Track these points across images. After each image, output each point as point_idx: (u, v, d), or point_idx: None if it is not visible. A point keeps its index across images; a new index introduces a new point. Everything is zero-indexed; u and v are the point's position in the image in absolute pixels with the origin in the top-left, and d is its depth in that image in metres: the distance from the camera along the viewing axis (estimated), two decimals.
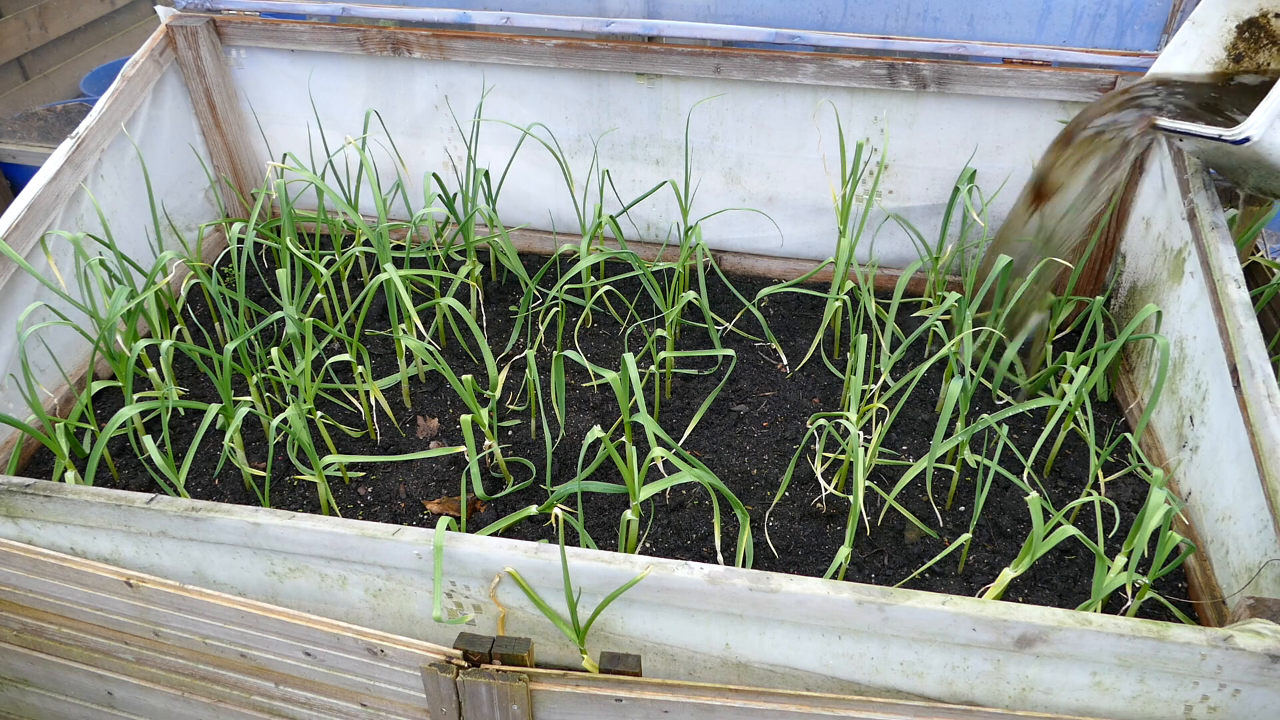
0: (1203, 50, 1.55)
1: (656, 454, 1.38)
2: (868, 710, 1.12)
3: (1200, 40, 1.54)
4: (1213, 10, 1.53)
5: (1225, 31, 1.54)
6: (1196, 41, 1.54)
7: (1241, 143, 1.31)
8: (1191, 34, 1.54)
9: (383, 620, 1.32)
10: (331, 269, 1.81)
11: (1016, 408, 1.52)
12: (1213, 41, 1.54)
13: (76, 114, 3.22)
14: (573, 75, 2.01)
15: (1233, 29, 1.52)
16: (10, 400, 1.68)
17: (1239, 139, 1.31)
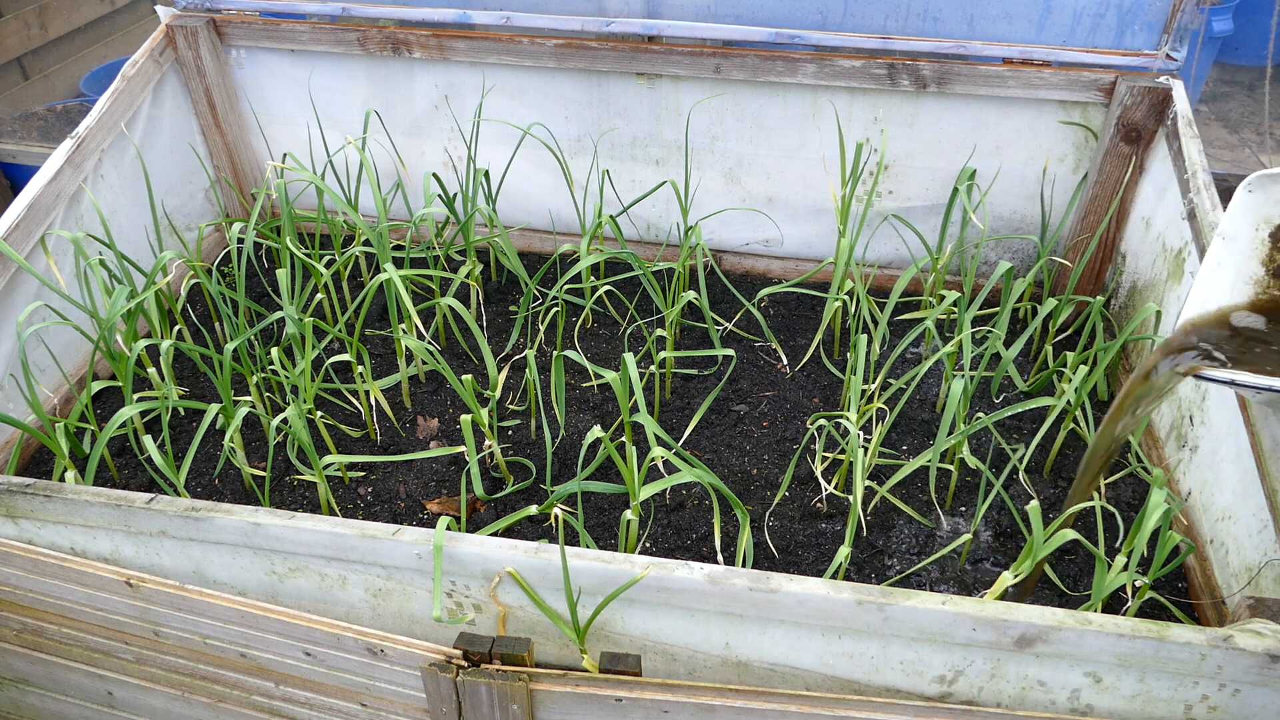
0: (1239, 270, 1.27)
1: (656, 454, 1.38)
2: (868, 710, 1.12)
3: (1235, 258, 1.27)
4: (1241, 221, 1.26)
5: (1259, 243, 1.26)
6: (1230, 261, 1.26)
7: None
8: (1224, 252, 1.26)
9: (383, 620, 1.32)
10: (331, 269, 1.81)
11: (1017, 407, 1.52)
12: (1247, 256, 1.26)
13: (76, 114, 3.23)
14: (573, 75, 2.01)
15: (1265, 239, 1.26)
16: (10, 400, 1.68)
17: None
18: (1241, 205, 1.23)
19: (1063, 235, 1.99)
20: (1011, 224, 2.04)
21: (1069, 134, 1.91)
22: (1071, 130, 1.91)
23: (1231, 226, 1.25)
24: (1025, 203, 2.00)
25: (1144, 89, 1.77)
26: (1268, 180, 1.22)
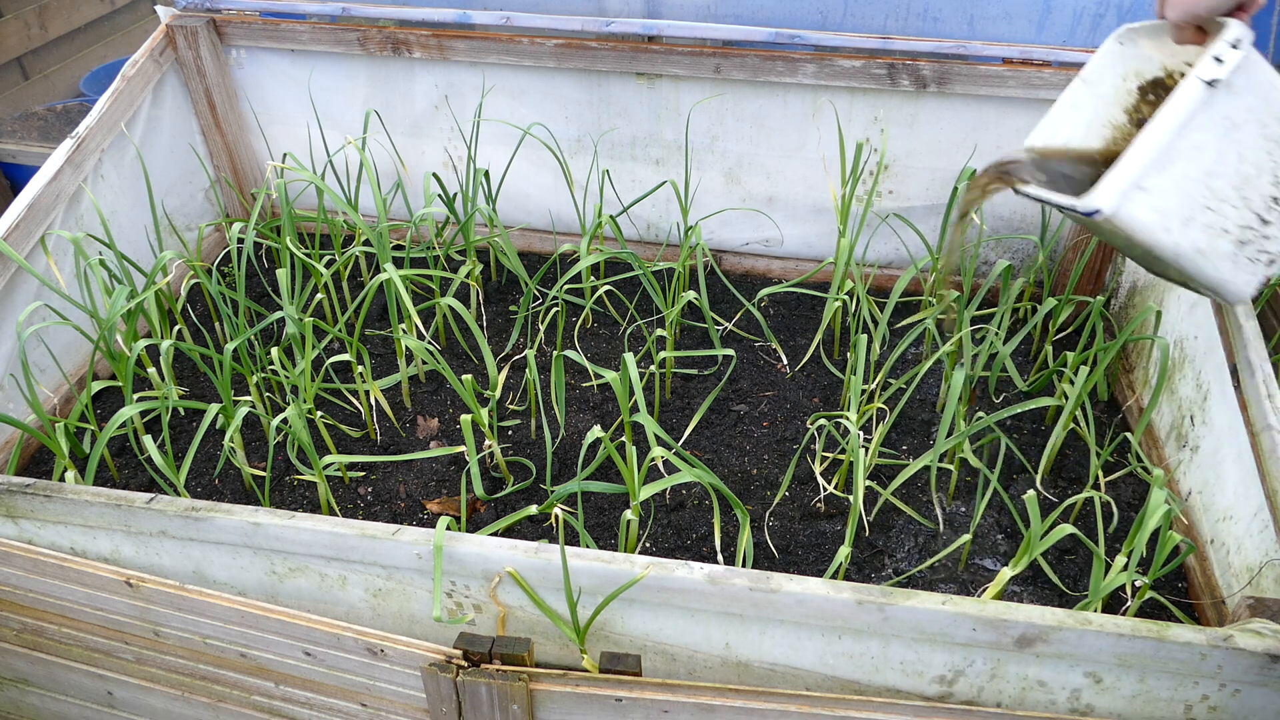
0: (1098, 114, 1.29)
1: (656, 454, 1.38)
2: (868, 710, 1.12)
3: (1094, 101, 1.28)
4: (1108, 69, 1.27)
5: (1125, 93, 1.28)
6: (1089, 104, 1.28)
7: (1091, 214, 1.07)
8: (1084, 93, 1.28)
9: (383, 620, 1.32)
10: (331, 269, 1.81)
11: (1016, 407, 1.52)
12: (1109, 103, 1.28)
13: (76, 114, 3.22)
14: (573, 75, 2.01)
15: (1134, 90, 1.27)
16: (10, 400, 1.68)
17: (1089, 211, 1.07)
18: (1110, 54, 1.25)
19: (1063, 235, 1.99)
20: (1011, 224, 2.04)
21: None
22: None
23: (1096, 72, 1.26)
24: (1025, 203, 2.00)
25: None
26: (1138, 34, 1.23)
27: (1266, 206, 1.09)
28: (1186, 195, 1.06)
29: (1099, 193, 1.05)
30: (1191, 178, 1.06)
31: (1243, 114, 1.05)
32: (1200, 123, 1.04)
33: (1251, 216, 1.09)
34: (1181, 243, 1.08)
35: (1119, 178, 1.04)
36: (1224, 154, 1.06)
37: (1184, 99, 1.03)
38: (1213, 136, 1.05)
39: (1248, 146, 1.07)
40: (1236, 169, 1.07)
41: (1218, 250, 1.09)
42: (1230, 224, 1.09)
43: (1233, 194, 1.08)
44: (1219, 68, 1.02)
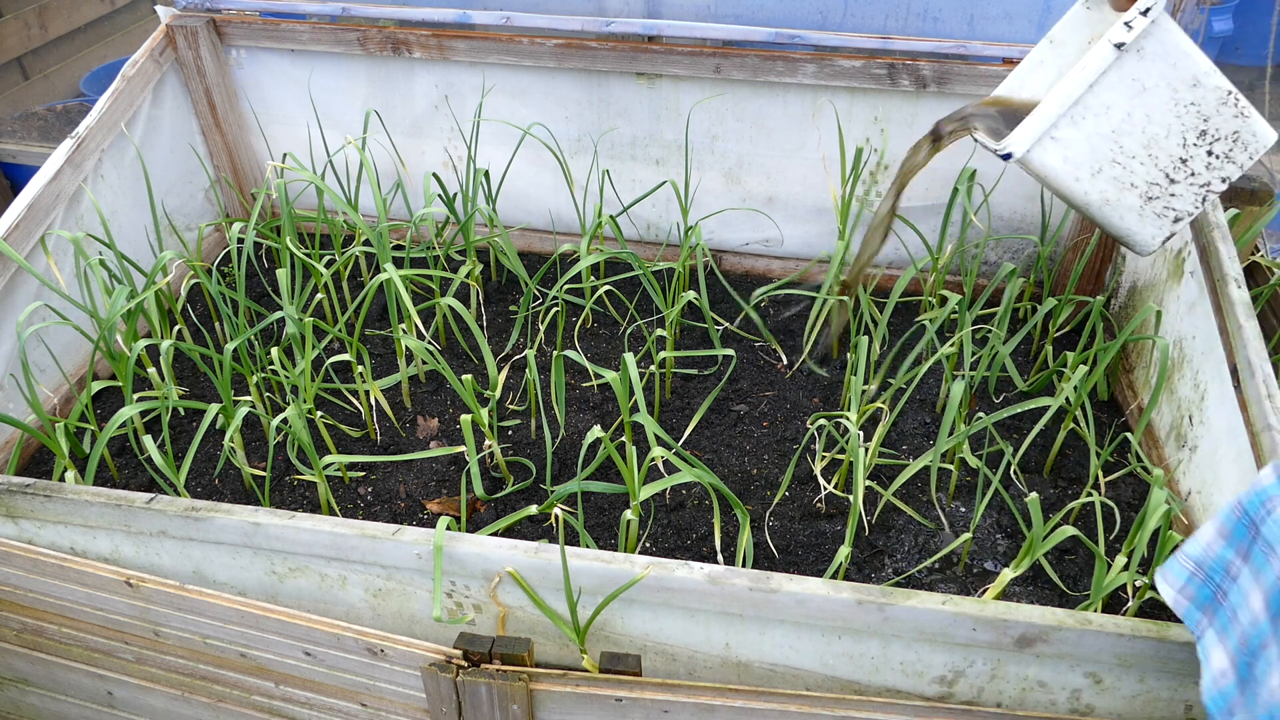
0: (1060, 71, 1.34)
1: (656, 454, 1.38)
2: (868, 710, 1.12)
3: (1059, 61, 1.34)
4: (1074, 30, 1.33)
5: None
6: (1054, 61, 1.34)
7: (1005, 158, 1.16)
8: (1049, 53, 1.34)
9: (383, 620, 1.32)
10: (331, 269, 1.81)
11: (1016, 407, 1.52)
12: (1073, 63, 1.33)
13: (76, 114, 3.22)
14: (573, 75, 2.01)
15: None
16: (10, 400, 1.68)
17: (1002, 153, 1.16)
18: (1077, 17, 1.31)
19: (1063, 235, 1.99)
20: (1011, 224, 2.04)
21: None
22: None
23: (1062, 33, 1.32)
24: (1025, 203, 2.00)
25: None
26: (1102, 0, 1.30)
27: (1173, 166, 1.17)
28: (1095, 149, 1.14)
29: (1013, 137, 1.14)
30: (1100, 133, 1.14)
31: (1153, 78, 1.12)
32: (1110, 82, 1.11)
33: (1159, 174, 1.17)
34: (1090, 192, 1.17)
35: (1031, 125, 1.13)
36: (1132, 114, 1.13)
37: (1095, 59, 1.11)
38: (1122, 96, 1.13)
39: (1156, 109, 1.14)
40: (1144, 129, 1.14)
41: (1125, 203, 1.18)
42: (1138, 179, 1.17)
43: (1141, 152, 1.16)
44: (1127, 33, 1.09)
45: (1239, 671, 0.87)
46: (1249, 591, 0.88)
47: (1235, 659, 0.88)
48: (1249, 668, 0.85)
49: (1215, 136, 1.16)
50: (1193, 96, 1.14)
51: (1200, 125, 1.15)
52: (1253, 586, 0.87)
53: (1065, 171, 1.17)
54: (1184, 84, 1.13)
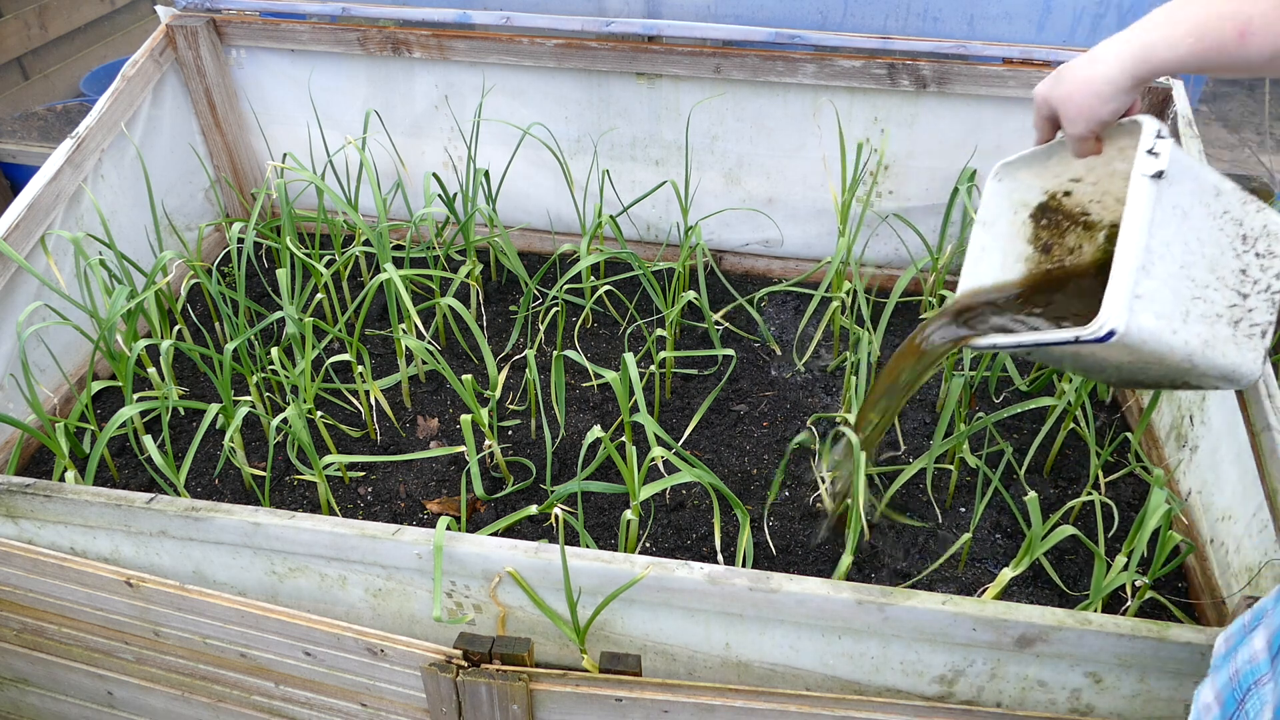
0: (1005, 251, 1.29)
1: (656, 454, 1.38)
2: (868, 710, 1.12)
3: (999, 242, 1.28)
4: (997, 208, 1.28)
5: (1020, 224, 1.28)
6: (995, 244, 1.28)
7: (1107, 338, 1.02)
8: (986, 238, 1.28)
9: (383, 620, 1.32)
10: (331, 269, 1.81)
11: (1016, 407, 1.52)
12: (1011, 238, 1.29)
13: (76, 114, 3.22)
14: (573, 75, 2.01)
15: (1025, 220, 1.28)
16: (10, 400, 1.68)
17: (1101, 336, 1.02)
18: (994, 192, 1.26)
19: None
20: None
21: None
22: None
23: (988, 213, 1.27)
24: None
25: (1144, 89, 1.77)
26: (1012, 167, 1.24)
27: (1239, 280, 1.10)
28: (1176, 292, 1.05)
29: (1107, 314, 1.01)
30: (1173, 274, 1.05)
31: (1188, 200, 1.05)
32: (1160, 218, 1.03)
33: (1233, 294, 1.09)
34: (1191, 340, 1.06)
35: (1118, 293, 1.01)
36: (1188, 242, 1.06)
37: (1140, 199, 1.01)
38: (1173, 229, 1.04)
39: (1203, 229, 1.07)
40: (1202, 253, 1.07)
41: (1219, 336, 1.08)
42: (1220, 307, 1.08)
43: (1210, 278, 1.08)
44: (1158, 160, 1.01)
45: None
46: None
47: None
48: None
49: (1254, 236, 1.10)
50: (1223, 205, 1.08)
51: (1239, 231, 1.09)
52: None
53: (1162, 328, 1.04)
54: (1211, 196, 1.07)
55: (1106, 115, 1.03)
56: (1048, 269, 1.28)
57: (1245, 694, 0.84)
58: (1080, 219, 1.25)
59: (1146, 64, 0.97)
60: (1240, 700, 0.84)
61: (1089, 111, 1.03)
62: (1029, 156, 1.21)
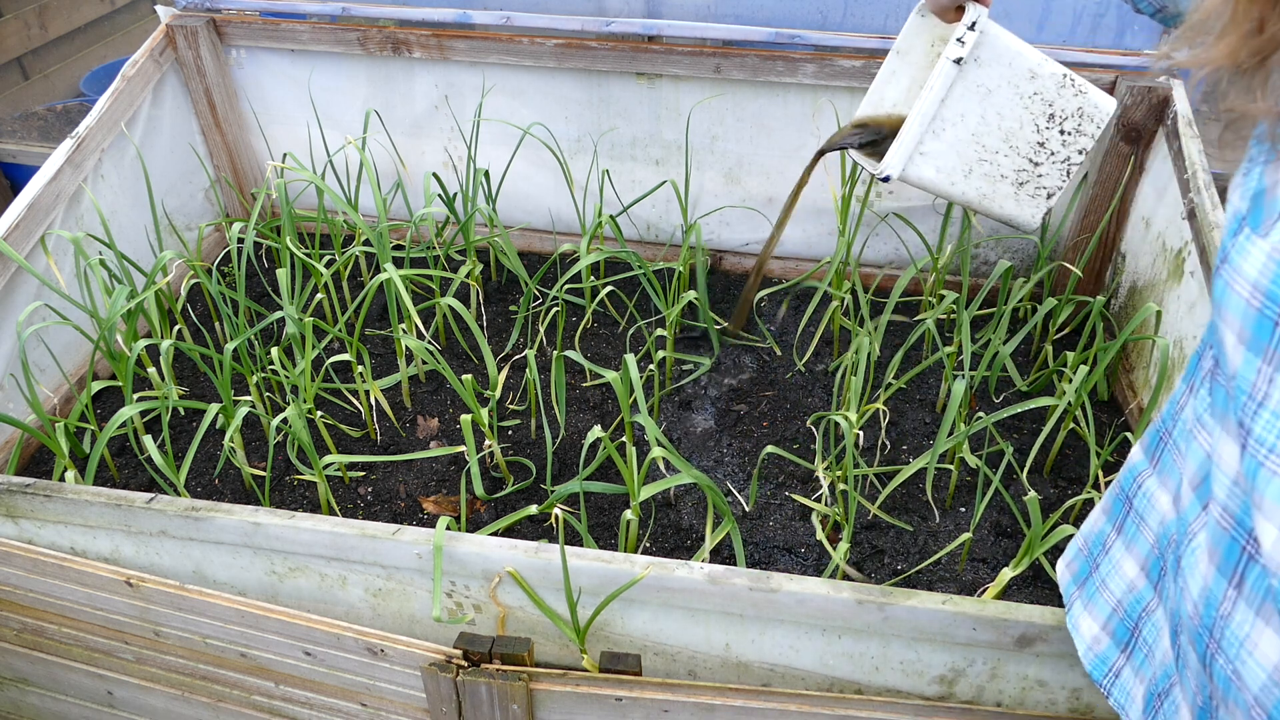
0: (914, 78, 1.41)
1: (656, 454, 1.38)
2: (868, 710, 1.12)
3: (909, 68, 1.41)
4: (915, 38, 1.39)
5: (934, 57, 1.40)
6: (905, 70, 1.41)
7: (885, 179, 1.27)
8: (898, 63, 1.41)
9: (383, 620, 1.32)
10: (331, 269, 1.81)
11: (1016, 407, 1.52)
12: (922, 67, 1.41)
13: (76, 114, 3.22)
14: (573, 75, 2.01)
15: (939, 54, 1.39)
16: (10, 400, 1.68)
17: (881, 176, 1.27)
18: (914, 25, 1.39)
19: (1063, 235, 1.99)
20: None
21: None
22: None
23: (905, 42, 1.41)
24: None
25: (1144, 89, 1.77)
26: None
27: (1034, 151, 1.29)
28: (961, 154, 1.27)
29: (888, 160, 1.25)
30: (962, 139, 1.26)
31: (994, 80, 1.24)
32: (958, 94, 1.23)
33: (1023, 161, 1.29)
34: (967, 191, 1.30)
35: (899, 148, 1.25)
36: (985, 115, 1.26)
37: (940, 77, 1.22)
38: (972, 103, 1.25)
39: (1005, 106, 1.26)
40: (999, 125, 1.27)
41: (1000, 192, 1.31)
42: (1006, 170, 1.29)
43: (1002, 145, 1.28)
44: (961, 48, 1.21)
45: (1115, 636, 0.93)
46: (1120, 561, 0.93)
47: (1109, 625, 0.94)
48: (1130, 632, 0.91)
49: (1063, 116, 1.28)
50: (1034, 87, 1.26)
51: (1047, 110, 1.27)
52: (1124, 556, 0.93)
53: (941, 179, 1.28)
54: (1023, 78, 1.25)
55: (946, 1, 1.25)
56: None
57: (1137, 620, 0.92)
58: None
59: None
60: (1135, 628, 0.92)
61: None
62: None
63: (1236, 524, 0.70)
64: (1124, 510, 0.93)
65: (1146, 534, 0.88)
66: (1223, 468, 0.72)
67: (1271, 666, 0.66)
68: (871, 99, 1.43)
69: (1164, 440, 0.88)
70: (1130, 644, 0.90)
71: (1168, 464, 0.86)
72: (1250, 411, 0.67)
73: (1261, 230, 0.67)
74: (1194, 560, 0.75)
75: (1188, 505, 0.78)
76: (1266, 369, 0.66)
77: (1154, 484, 0.87)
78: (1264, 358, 0.66)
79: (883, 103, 1.43)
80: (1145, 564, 0.88)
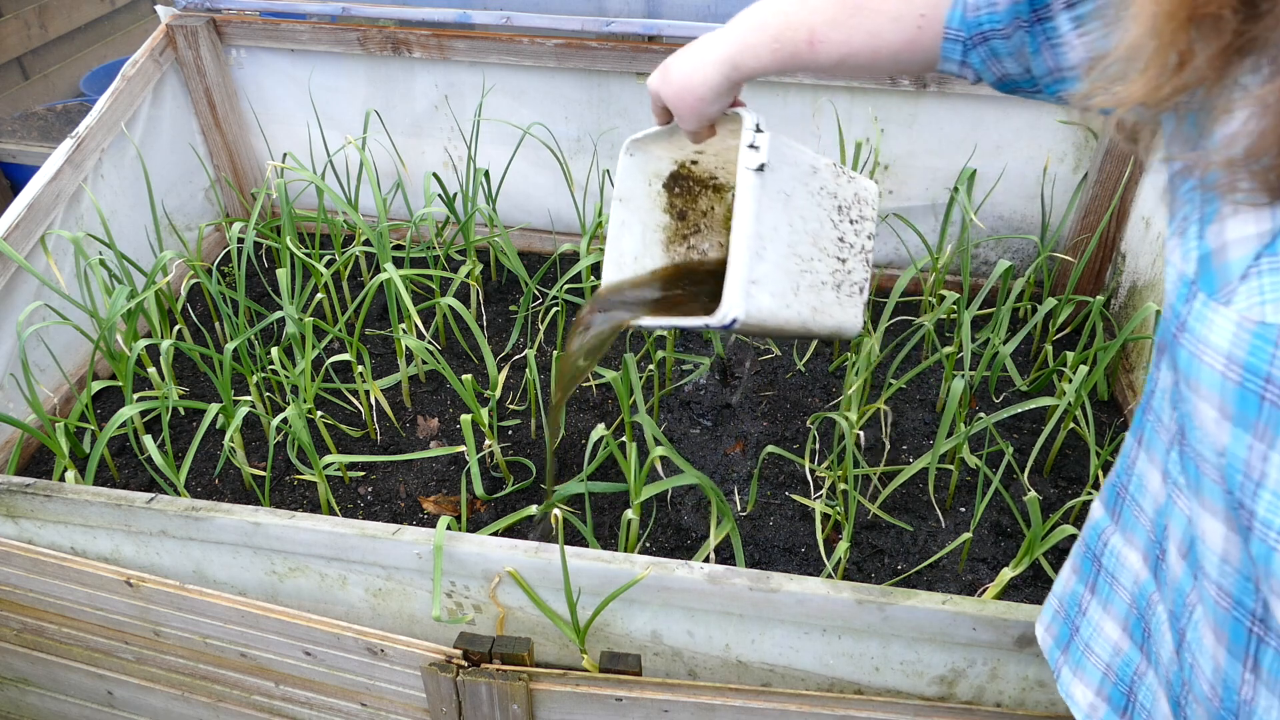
0: (645, 222, 1.32)
1: (657, 453, 1.38)
2: (868, 710, 1.12)
3: (638, 214, 1.32)
4: (632, 182, 1.30)
5: (655, 194, 1.32)
6: (634, 218, 1.31)
7: (729, 326, 1.11)
8: (625, 212, 1.31)
9: (383, 620, 1.32)
10: (331, 269, 1.81)
11: (1016, 407, 1.52)
12: (650, 209, 1.32)
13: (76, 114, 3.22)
14: (573, 75, 2.01)
15: (660, 190, 1.32)
16: (10, 400, 1.68)
17: (726, 324, 1.11)
18: (628, 167, 1.30)
19: (1063, 235, 1.99)
20: (1012, 224, 2.04)
21: (1069, 133, 1.91)
22: (1071, 130, 1.91)
23: (624, 188, 1.31)
24: (1025, 202, 2.00)
25: None
26: (642, 143, 1.28)
27: (839, 248, 1.20)
28: (786, 270, 1.14)
29: (727, 304, 1.10)
30: (782, 254, 1.13)
31: (788, 183, 1.13)
32: (766, 206, 1.10)
33: (834, 262, 1.20)
34: (802, 310, 1.16)
35: (735, 283, 1.10)
36: (793, 223, 1.14)
37: (746, 192, 1.09)
38: (779, 213, 1.12)
39: (805, 208, 1.16)
40: (805, 230, 1.16)
41: (826, 300, 1.19)
42: (824, 274, 1.18)
43: (814, 250, 1.17)
44: (759, 154, 1.08)
45: (1112, 701, 0.88)
46: (1100, 623, 0.89)
47: (1103, 690, 0.89)
48: (1125, 697, 0.86)
49: (848, 205, 1.21)
50: (819, 182, 1.17)
51: (835, 203, 1.19)
52: (1103, 617, 0.88)
53: (776, 305, 1.14)
54: (808, 175, 1.16)
55: (713, 113, 1.10)
56: (684, 254, 1.37)
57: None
58: (709, 183, 1.34)
59: (738, 70, 1.04)
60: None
61: (696, 112, 1.09)
62: (655, 134, 1.25)
63: (1236, 604, 0.67)
64: (1094, 569, 0.89)
65: (1121, 594, 0.85)
66: (1209, 544, 0.69)
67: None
68: (611, 258, 1.33)
69: (1121, 496, 0.85)
70: (1128, 708, 0.87)
71: (1129, 520, 0.83)
72: (1250, 492, 0.63)
73: (1220, 297, 0.63)
74: (1198, 637, 0.72)
75: (1181, 575, 0.75)
76: (1259, 445, 0.61)
77: (1119, 541, 0.84)
78: (1254, 434, 0.62)
79: (623, 257, 1.33)
80: (1126, 625, 0.85)
